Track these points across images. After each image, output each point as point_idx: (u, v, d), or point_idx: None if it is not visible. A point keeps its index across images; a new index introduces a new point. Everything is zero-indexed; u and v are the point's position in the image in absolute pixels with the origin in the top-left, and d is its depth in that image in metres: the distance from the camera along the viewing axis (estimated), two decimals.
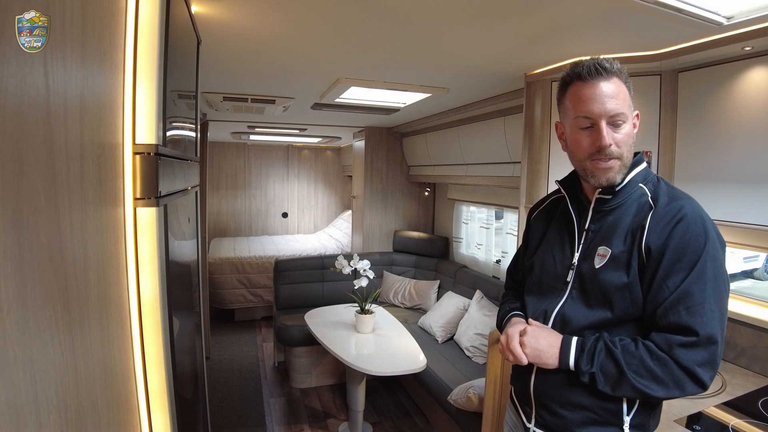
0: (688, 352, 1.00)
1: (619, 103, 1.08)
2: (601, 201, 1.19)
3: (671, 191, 1.13)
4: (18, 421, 0.48)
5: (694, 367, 1.00)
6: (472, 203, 4.40)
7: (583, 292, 1.17)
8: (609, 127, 1.09)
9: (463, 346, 3.39)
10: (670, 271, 1.04)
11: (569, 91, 1.15)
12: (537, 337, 1.16)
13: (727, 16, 1.56)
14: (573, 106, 1.14)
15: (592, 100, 1.09)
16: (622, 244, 1.12)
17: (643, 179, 1.17)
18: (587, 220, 1.21)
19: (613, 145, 1.10)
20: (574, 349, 1.11)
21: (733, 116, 1.81)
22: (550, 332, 1.17)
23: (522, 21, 1.71)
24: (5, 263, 0.47)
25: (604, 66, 1.09)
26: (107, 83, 0.80)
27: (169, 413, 0.99)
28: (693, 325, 1.00)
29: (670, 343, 1.02)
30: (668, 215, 1.07)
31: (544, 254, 1.30)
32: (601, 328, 1.13)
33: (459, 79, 2.69)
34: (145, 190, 0.90)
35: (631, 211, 1.14)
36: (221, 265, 5.37)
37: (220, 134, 5.93)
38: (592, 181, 1.16)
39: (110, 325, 0.80)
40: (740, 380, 1.88)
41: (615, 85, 1.09)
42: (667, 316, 1.04)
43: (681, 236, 1.04)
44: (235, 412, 3.43)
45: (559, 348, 1.13)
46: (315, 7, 1.64)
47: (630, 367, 1.04)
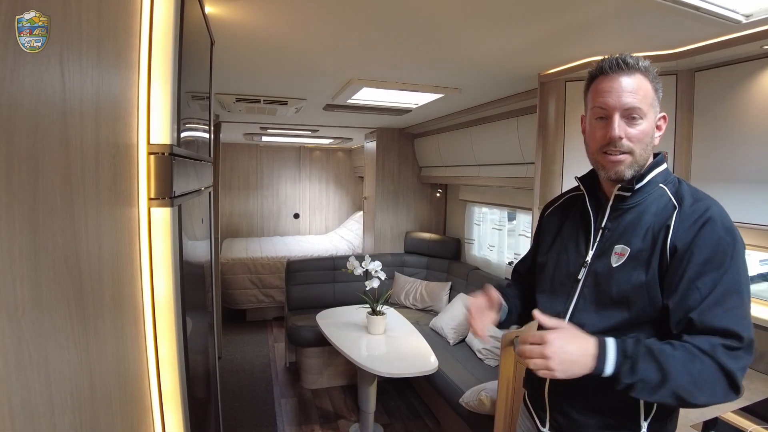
0: (732, 356, 0.96)
1: (638, 99, 1.07)
2: (619, 199, 1.17)
3: (695, 192, 1.11)
4: (32, 422, 0.48)
5: (737, 372, 0.95)
6: (485, 204, 4.37)
7: (596, 292, 1.14)
8: (623, 121, 1.08)
9: (475, 349, 3.37)
10: (700, 271, 1.00)
11: (592, 84, 1.15)
12: (565, 346, 0.98)
13: (745, 14, 1.54)
14: (592, 98, 1.14)
15: (609, 92, 1.09)
16: (641, 242, 1.09)
17: (663, 180, 1.15)
18: (604, 217, 1.19)
19: (625, 139, 1.08)
20: (614, 356, 0.98)
21: (750, 116, 1.78)
22: (578, 334, 1.02)
23: (536, 20, 1.69)
24: (21, 263, 0.47)
25: (627, 61, 1.08)
26: (122, 83, 0.80)
27: (182, 413, 0.99)
28: (737, 329, 0.96)
29: (715, 345, 0.96)
30: (695, 215, 1.05)
31: (559, 251, 1.27)
32: (617, 332, 1.08)
33: (472, 79, 2.67)
34: (159, 190, 0.90)
35: (651, 210, 1.12)
36: (233, 266, 5.39)
37: (233, 135, 5.97)
38: (601, 173, 1.15)
39: (124, 325, 0.80)
40: (758, 385, 1.84)
41: (636, 80, 1.08)
42: (705, 319, 0.98)
43: (710, 236, 1.01)
44: (247, 412, 3.43)
45: (595, 356, 0.98)
46: (328, 8, 1.64)
47: (674, 373, 0.95)
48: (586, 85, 1.18)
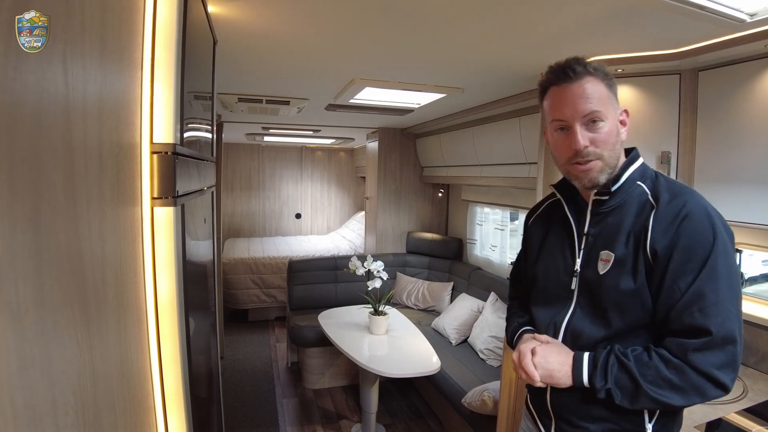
0: (705, 356, 0.96)
1: (594, 103, 1.06)
2: (598, 203, 1.15)
3: (671, 186, 1.09)
4: (36, 422, 0.48)
5: (713, 371, 0.96)
6: (487, 204, 4.37)
7: (591, 302, 1.13)
8: (584, 128, 1.07)
9: (478, 349, 3.37)
10: (680, 271, 1.00)
11: (546, 96, 1.15)
12: (547, 357, 1.11)
13: (750, 13, 1.53)
14: (549, 111, 1.13)
15: (564, 103, 1.08)
16: (624, 248, 1.08)
17: (640, 176, 1.13)
18: (586, 223, 1.18)
19: (590, 146, 1.07)
20: (586, 366, 1.07)
21: (754, 115, 1.77)
22: (560, 350, 1.13)
23: (539, 20, 1.69)
24: (24, 262, 0.47)
25: (574, 68, 1.07)
26: (125, 82, 0.80)
27: (185, 413, 0.99)
28: (708, 325, 0.96)
29: (685, 347, 0.98)
30: (672, 213, 1.03)
31: (546, 262, 1.26)
32: (614, 339, 1.09)
33: (474, 79, 2.67)
34: (162, 189, 0.90)
35: (631, 211, 1.10)
36: (235, 266, 5.40)
37: (235, 135, 5.97)
38: (575, 183, 1.14)
39: (127, 325, 0.80)
40: (762, 386, 1.83)
41: (588, 85, 1.07)
42: (681, 319, 1.00)
43: (688, 234, 1.00)
44: (248, 412, 3.43)
45: (572, 366, 1.09)
46: (330, 8, 1.63)
47: (646, 378, 1.00)
48: (540, 97, 1.17)
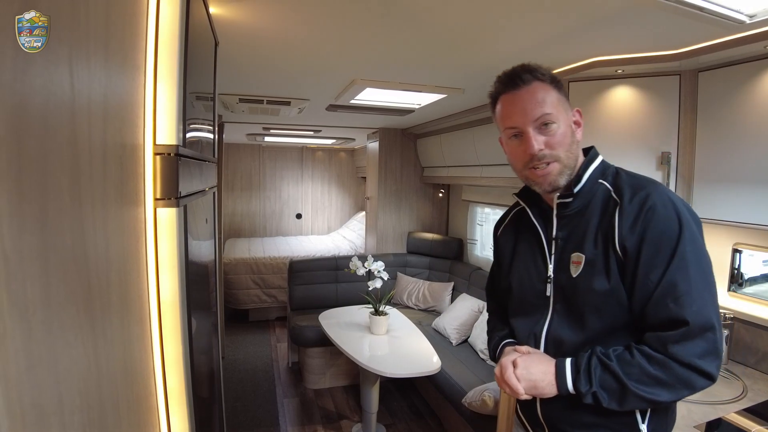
0: (685, 347, 0.96)
1: (544, 106, 1.07)
2: (562, 206, 1.15)
3: (632, 181, 1.09)
4: (42, 421, 0.48)
5: (695, 360, 0.95)
6: (487, 205, 4.37)
7: (567, 307, 1.13)
8: (537, 132, 1.08)
9: (478, 349, 3.37)
10: (651, 265, 1.00)
11: (496, 106, 1.16)
12: (529, 368, 1.09)
13: (749, 14, 1.53)
14: (501, 120, 1.14)
15: (514, 110, 1.09)
16: (594, 247, 1.08)
17: (601, 174, 1.13)
18: (553, 228, 1.18)
19: (545, 149, 1.07)
20: (569, 372, 1.06)
21: (754, 116, 1.78)
22: (541, 359, 1.11)
23: (540, 21, 1.69)
24: (31, 263, 0.47)
25: (521, 76, 1.09)
26: (129, 84, 0.80)
27: (188, 413, 0.99)
28: (683, 315, 0.96)
29: (664, 341, 0.98)
30: (636, 208, 1.03)
31: (519, 271, 1.25)
32: (594, 342, 1.08)
33: (475, 79, 2.67)
34: (165, 190, 0.90)
35: (596, 210, 1.10)
36: (236, 266, 5.40)
37: (236, 136, 5.98)
38: (536, 188, 1.14)
39: (131, 324, 0.80)
40: (762, 386, 1.84)
41: (536, 90, 1.08)
42: (657, 312, 1.00)
43: (654, 227, 1.00)
44: (249, 412, 3.44)
45: (555, 374, 1.07)
46: (331, 8, 1.64)
47: (630, 377, 0.99)
48: (492, 107, 1.18)
